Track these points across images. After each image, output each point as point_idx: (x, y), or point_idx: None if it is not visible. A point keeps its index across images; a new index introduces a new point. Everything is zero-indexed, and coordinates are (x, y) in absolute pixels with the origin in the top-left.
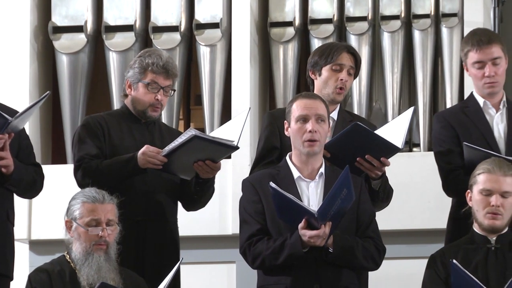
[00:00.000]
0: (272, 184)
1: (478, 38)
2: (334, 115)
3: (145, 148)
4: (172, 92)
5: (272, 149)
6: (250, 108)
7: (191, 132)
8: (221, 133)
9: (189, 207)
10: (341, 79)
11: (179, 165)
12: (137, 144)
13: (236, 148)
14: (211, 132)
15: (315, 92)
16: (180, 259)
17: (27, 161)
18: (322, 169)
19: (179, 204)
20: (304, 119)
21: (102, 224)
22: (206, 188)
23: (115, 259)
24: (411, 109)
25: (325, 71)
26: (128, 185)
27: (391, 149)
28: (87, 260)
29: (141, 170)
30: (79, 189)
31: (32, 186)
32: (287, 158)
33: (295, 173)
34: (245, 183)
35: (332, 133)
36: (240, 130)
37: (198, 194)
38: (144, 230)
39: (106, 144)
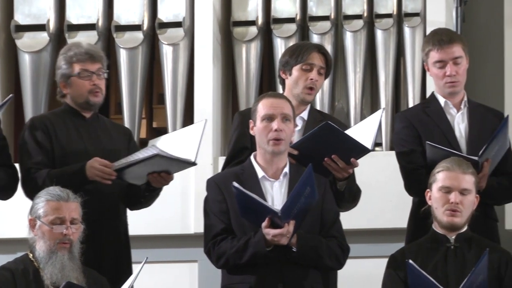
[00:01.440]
0: (235, 184)
1: (439, 38)
2: (305, 115)
3: (93, 161)
4: (106, 74)
5: (242, 149)
6: (206, 120)
7: (152, 151)
8: (178, 141)
9: (133, 207)
10: (311, 79)
11: (132, 175)
12: (84, 141)
13: (194, 164)
14: (166, 135)
15: (286, 91)
16: (145, 258)
17: (1, 162)
18: (286, 169)
19: None
20: (269, 118)
21: (67, 222)
22: (155, 194)
23: (79, 258)
24: (381, 110)
25: (296, 70)
26: None
27: (361, 150)
28: (50, 259)
29: (89, 182)
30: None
31: (3, 189)
32: (252, 157)
33: (260, 173)
34: (210, 182)
35: (302, 133)
36: (198, 145)
37: (146, 198)
38: (100, 230)
39: (53, 144)
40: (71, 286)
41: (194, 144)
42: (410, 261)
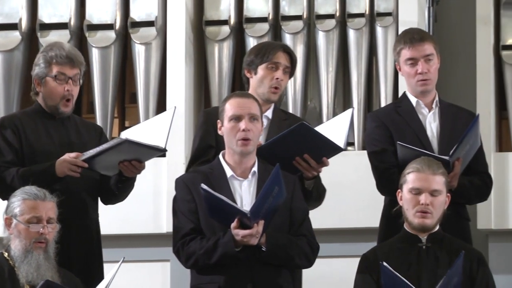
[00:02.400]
0: (203, 186)
1: (411, 36)
2: (269, 114)
3: (64, 156)
4: (81, 80)
5: (207, 148)
6: (175, 107)
7: (121, 138)
8: (148, 130)
9: (108, 201)
10: (277, 78)
11: (103, 164)
12: (54, 141)
13: (164, 150)
14: (136, 126)
15: (250, 90)
16: (122, 258)
17: None
18: (255, 168)
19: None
20: (237, 118)
21: (43, 221)
22: (128, 185)
23: (54, 258)
24: (350, 110)
25: (261, 70)
26: None
27: (333, 149)
28: (26, 258)
29: (59, 179)
30: None
31: None
32: (220, 156)
33: (228, 172)
34: (179, 182)
35: (267, 132)
36: (167, 131)
37: (120, 190)
38: (68, 229)
39: (23, 144)
40: (50, 285)
41: (164, 131)
42: (384, 263)
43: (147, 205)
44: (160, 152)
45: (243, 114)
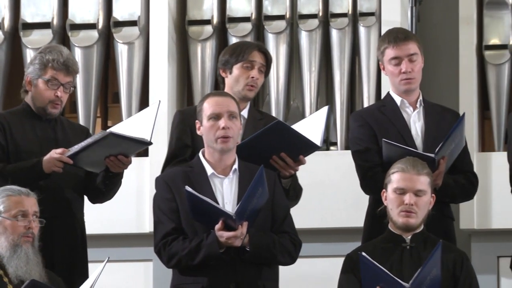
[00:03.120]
0: (188, 188)
1: (395, 35)
2: (245, 113)
3: (51, 152)
4: (72, 89)
5: (184, 147)
6: (160, 101)
7: (106, 132)
8: (133, 125)
9: (96, 200)
10: (252, 77)
11: (89, 160)
12: (40, 142)
13: (149, 143)
14: (122, 123)
15: (226, 90)
16: (107, 257)
17: None
18: (235, 165)
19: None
20: (216, 116)
21: (29, 215)
22: (116, 181)
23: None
24: (326, 107)
25: (236, 69)
26: None
27: (310, 147)
28: (16, 253)
29: (46, 175)
30: None
31: None
32: (200, 155)
33: (209, 170)
34: (159, 181)
35: (243, 131)
36: (152, 124)
37: (107, 187)
38: (51, 228)
39: (9, 142)
40: (35, 284)
41: (149, 124)
42: (363, 253)
43: (129, 205)
44: (146, 145)
45: (222, 112)
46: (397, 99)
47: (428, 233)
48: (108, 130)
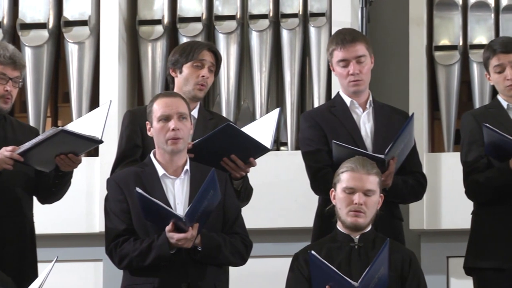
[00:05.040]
0: (138, 190)
1: (343, 37)
2: (195, 113)
3: (1, 150)
4: (21, 83)
5: (134, 147)
6: (111, 101)
7: (57, 129)
8: (84, 124)
9: (46, 200)
10: (203, 76)
11: (39, 158)
12: None
13: (100, 142)
14: (73, 122)
15: (176, 89)
16: (56, 257)
17: None
18: (187, 166)
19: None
20: (166, 118)
21: None
22: (65, 181)
23: None
24: (277, 110)
25: (186, 68)
26: None
27: (260, 150)
28: None
29: None
30: None
31: None
32: (152, 155)
33: (160, 171)
34: (110, 182)
35: (193, 131)
36: (103, 123)
37: (57, 187)
38: (0, 227)
39: None
40: None
41: (100, 123)
42: (313, 252)
43: (79, 205)
44: (96, 143)
45: (171, 113)
46: (347, 100)
47: (377, 232)
48: (59, 127)
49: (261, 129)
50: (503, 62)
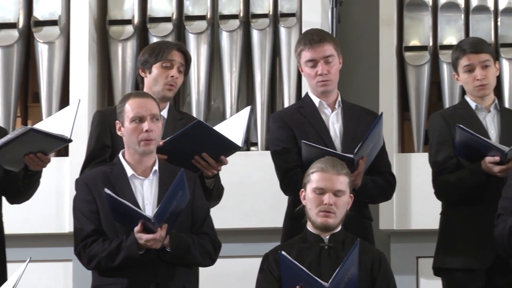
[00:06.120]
0: (107, 191)
1: (310, 37)
2: (164, 113)
3: None
4: None
5: (103, 147)
6: (80, 100)
7: (26, 128)
8: (53, 123)
9: (14, 200)
10: (172, 76)
11: (8, 157)
12: None
13: (69, 140)
14: (42, 122)
15: (145, 89)
16: (29, 258)
17: None
18: (156, 166)
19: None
20: (139, 119)
21: None
22: (34, 180)
23: None
24: (248, 108)
25: (156, 68)
26: None
27: (231, 148)
28: None
29: None
30: None
31: None
32: (120, 156)
33: (129, 171)
34: (79, 182)
35: (163, 131)
36: (72, 122)
37: (26, 186)
38: None
39: None
40: None
41: (69, 122)
42: (283, 252)
43: (49, 205)
44: (66, 142)
45: (145, 115)
46: (316, 100)
47: (347, 233)
48: (28, 126)
49: (232, 127)
50: (473, 62)
